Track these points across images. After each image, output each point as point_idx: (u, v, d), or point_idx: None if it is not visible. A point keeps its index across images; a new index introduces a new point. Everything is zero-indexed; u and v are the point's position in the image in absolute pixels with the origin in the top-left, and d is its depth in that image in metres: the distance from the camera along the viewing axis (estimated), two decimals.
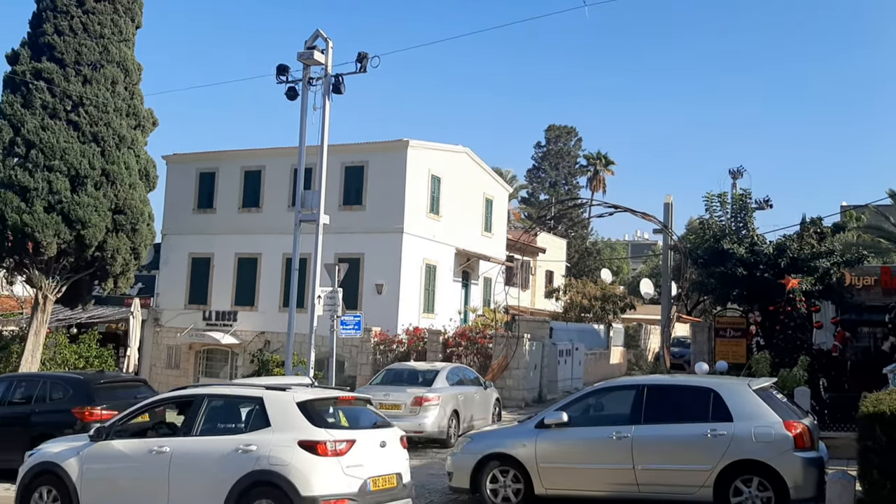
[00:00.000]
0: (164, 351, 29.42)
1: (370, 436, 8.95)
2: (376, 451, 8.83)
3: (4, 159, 22.23)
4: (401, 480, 9.09)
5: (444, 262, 28.73)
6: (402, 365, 18.69)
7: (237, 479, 8.34)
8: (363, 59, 16.65)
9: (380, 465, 8.79)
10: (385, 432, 9.18)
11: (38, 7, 23.54)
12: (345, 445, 8.44)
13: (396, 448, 9.21)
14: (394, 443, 9.18)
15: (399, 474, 9.07)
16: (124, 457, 9.20)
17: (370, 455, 8.71)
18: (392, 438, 9.18)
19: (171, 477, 8.73)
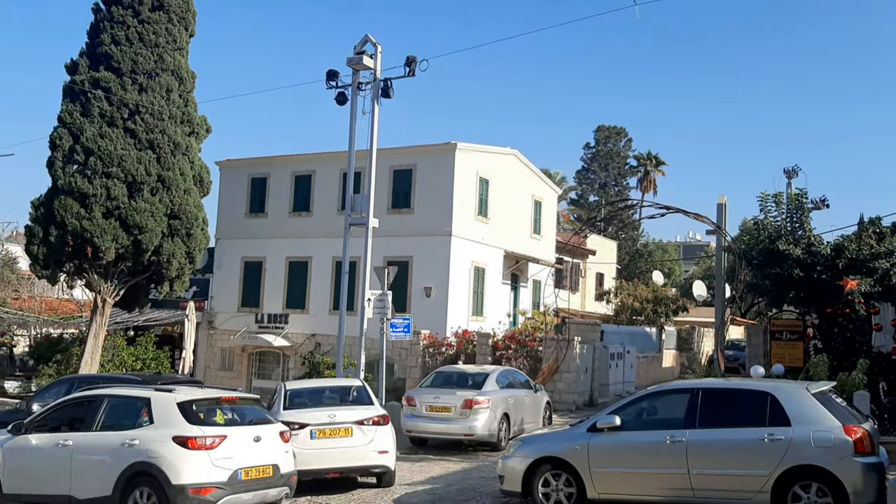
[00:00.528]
0: (218, 353, 29.92)
1: (244, 431, 10.06)
2: (250, 445, 9.91)
3: (64, 167, 22.88)
4: (277, 471, 10.14)
5: (493, 265, 28.67)
6: (451, 368, 18.68)
7: (122, 468, 9.59)
8: (411, 62, 16.72)
9: (253, 458, 9.87)
10: (261, 428, 10.26)
11: (96, 18, 24.19)
12: (215, 440, 9.56)
13: (273, 442, 10.24)
14: (270, 438, 10.21)
15: (275, 465, 10.13)
16: (37, 449, 10.51)
17: (243, 449, 9.81)
18: (269, 434, 10.23)
19: (73, 466, 10.03)
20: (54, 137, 23.22)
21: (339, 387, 13.97)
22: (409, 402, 16.40)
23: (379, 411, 12.69)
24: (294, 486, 10.68)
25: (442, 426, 15.89)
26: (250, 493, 9.82)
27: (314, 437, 11.99)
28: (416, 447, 16.54)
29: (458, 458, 15.44)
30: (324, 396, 13.43)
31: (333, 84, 17.57)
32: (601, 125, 62.16)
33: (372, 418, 12.34)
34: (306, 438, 11.93)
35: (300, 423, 12.00)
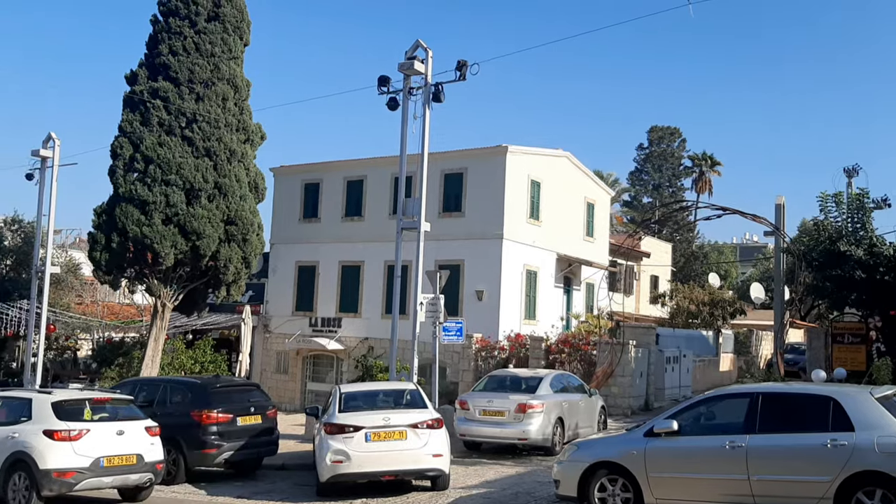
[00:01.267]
0: (273, 356, 30.36)
1: (108, 426, 11.95)
2: (113, 438, 11.81)
3: (125, 175, 23.54)
4: (141, 459, 12.08)
5: (545, 268, 28.50)
6: (504, 371, 18.64)
7: (6, 456, 11.52)
8: (462, 66, 16.73)
9: (116, 448, 11.78)
10: (126, 424, 12.19)
11: (154, 29, 24.84)
12: (80, 433, 11.49)
13: (138, 436, 12.16)
14: (135, 432, 12.16)
15: (139, 455, 12.07)
16: None
17: (106, 440, 11.72)
18: (133, 428, 12.19)
19: None
20: (115, 146, 23.91)
21: (392, 390, 14.05)
22: (462, 405, 16.41)
23: (433, 415, 12.72)
24: (160, 472, 12.57)
25: (495, 430, 15.87)
26: (111, 478, 11.80)
27: (369, 439, 12.08)
28: (470, 451, 16.54)
29: (511, 462, 15.39)
30: (378, 399, 13.53)
31: (385, 90, 17.67)
32: (654, 125, 61.35)
33: (426, 422, 12.37)
34: (361, 441, 12.03)
35: (355, 426, 12.10)
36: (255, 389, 16.13)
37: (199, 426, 13.90)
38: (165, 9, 24.66)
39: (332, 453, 12.00)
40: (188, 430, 13.95)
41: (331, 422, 12.34)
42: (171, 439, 14.00)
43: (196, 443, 13.88)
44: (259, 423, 14.82)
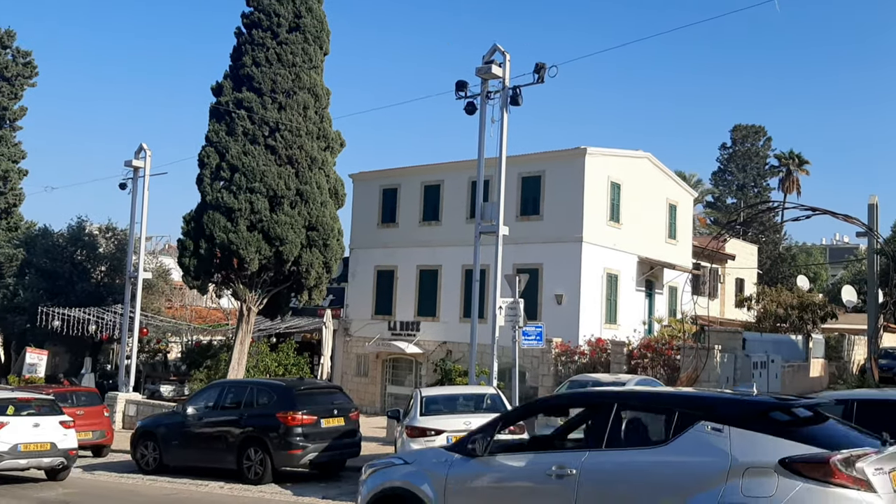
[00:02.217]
0: (353, 359, 30.80)
1: (25, 420, 14.44)
2: (30, 429, 14.32)
3: (212, 183, 24.30)
4: (55, 447, 14.57)
5: (626, 271, 28.05)
6: (586, 376, 18.41)
7: None
8: (540, 69, 16.64)
9: (32, 437, 14.31)
10: (43, 419, 14.66)
11: (238, 41, 25.58)
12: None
13: (52, 428, 14.64)
14: (50, 425, 14.64)
15: (53, 443, 14.56)
16: None
17: (23, 431, 14.22)
18: (49, 422, 14.67)
19: None
20: (202, 156, 24.71)
21: (473, 394, 14.06)
22: None
23: None
24: (73, 458, 15.15)
25: None
26: (26, 460, 14.41)
27: (450, 443, 12.10)
28: None
29: None
30: (458, 403, 13.55)
31: (463, 94, 17.75)
32: (738, 124, 59.74)
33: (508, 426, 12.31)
34: (443, 444, 12.06)
35: (436, 430, 12.16)
36: (337, 392, 16.36)
37: (285, 428, 14.19)
38: (249, 21, 25.37)
39: None
40: (274, 431, 14.26)
41: (412, 425, 12.43)
42: (258, 440, 14.37)
43: (282, 444, 14.17)
44: (342, 426, 15.04)
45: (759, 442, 5.85)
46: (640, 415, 6.84)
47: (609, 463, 6.36)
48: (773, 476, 5.65)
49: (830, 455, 5.64)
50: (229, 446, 14.75)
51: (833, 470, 5.56)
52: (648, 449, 6.32)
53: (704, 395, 7.24)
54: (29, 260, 34.26)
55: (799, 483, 5.60)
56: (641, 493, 6.10)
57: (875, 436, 6.45)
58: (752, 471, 5.72)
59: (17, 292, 32.94)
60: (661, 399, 7.16)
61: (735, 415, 6.10)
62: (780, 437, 5.88)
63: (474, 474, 7.01)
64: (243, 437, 14.56)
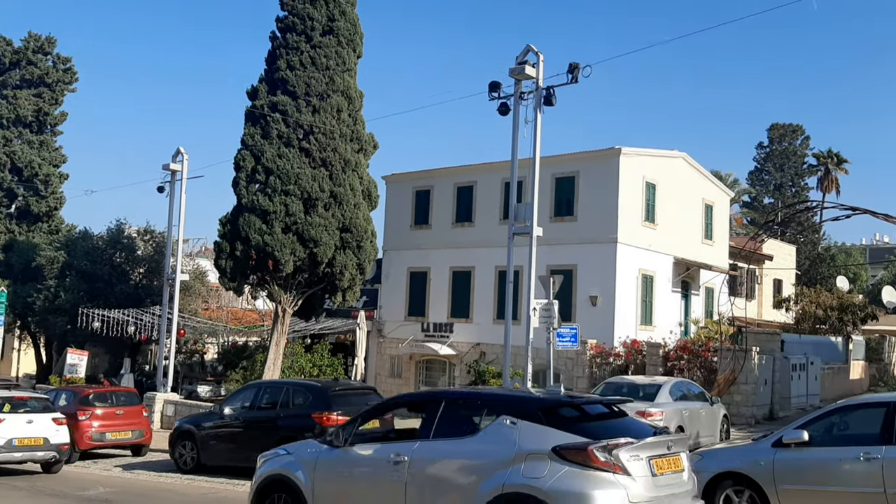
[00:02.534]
0: (387, 361, 30.91)
1: (20, 417, 15.65)
2: (23, 426, 15.54)
3: (248, 186, 24.55)
4: (48, 441, 15.78)
5: (662, 272, 27.78)
6: (621, 378, 18.28)
7: None
8: (574, 69, 16.55)
9: (26, 432, 15.52)
10: (36, 415, 15.92)
11: (273, 45, 25.82)
12: None
13: (45, 424, 15.83)
14: (43, 421, 15.86)
15: (45, 438, 15.75)
16: None
17: (18, 427, 15.44)
18: (42, 419, 15.91)
19: None
20: (238, 159, 24.98)
21: None
22: None
23: None
24: (65, 452, 16.24)
25: None
26: (20, 453, 15.53)
27: None
28: None
29: None
30: None
31: (496, 95, 17.71)
32: (775, 123, 58.88)
33: None
34: None
35: None
36: (372, 393, 16.40)
37: (321, 428, 14.14)
38: (283, 25, 25.60)
39: None
40: (310, 431, 14.23)
41: None
42: (294, 440, 14.43)
43: None
44: (377, 427, 15.05)
45: (541, 433, 7.11)
46: (462, 410, 8.09)
47: (432, 450, 7.67)
48: (546, 461, 6.93)
49: (590, 444, 6.87)
50: (266, 446, 14.82)
51: (591, 456, 6.81)
52: (462, 439, 7.61)
53: (507, 394, 8.68)
54: (70, 262, 34.88)
55: (565, 466, 6.86)
56: (453, 474, 7.48)
57: (661, 430, 7.85)
58: (532, 456, 7.01)
59: (59, 294, 33.55)
60: (476, 397, 8.56)
61: (527, 411, 7.40)
62: (558, 429, 7.13)
63: (336, 462, 8.26)
64: (279, 438, 14.63)
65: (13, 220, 41.52)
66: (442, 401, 8.15)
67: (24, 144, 41.46)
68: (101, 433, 18.41)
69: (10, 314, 34.04)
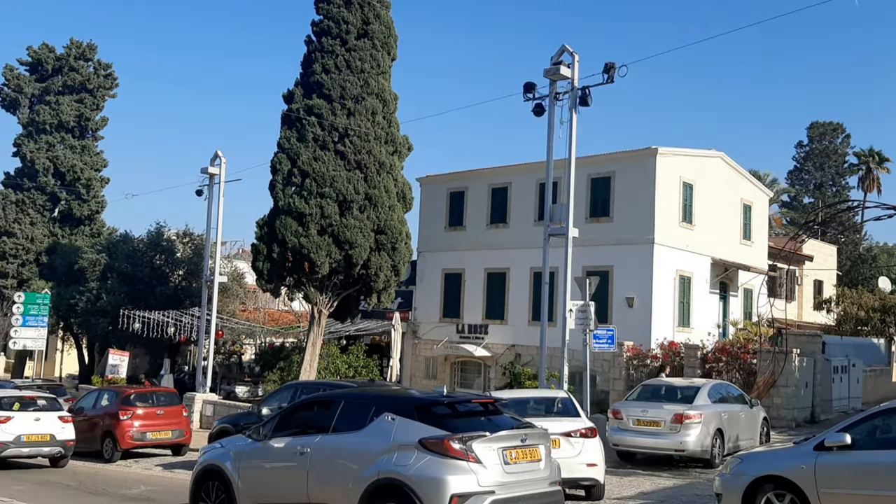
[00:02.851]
0: (422, 362, 30.98)
1: (28, 415, 16.89)
2: (31, 423, 16.77)
3: (284, 188, 24.79)
4: (54, 438, 16.97)
5: (699, 273, 27.46)
6: (658, 381, 18.08)
7: None
8: (610, 69, 16.45)
9: (33, 429, 16.75)
10: (43, 413, 17.10)
11: (308, 49, 26.04)
12: (5, 419, 16.52)
13: (52, 422, 17.02)
14: (50, 419, 17.02)
15: (52, 434, 16.94)
16: None
17: (26, 424, 16.68)
18: (49, 417, 17.07)
19: None
20: (274, 162, 25.23)
21: (543, 398, 13.92)
22: (615, 415, 16.07)
23: (586, 423, 12.51)
24: (71, 448, 17.33)
25: (651, 440, 15.42)
26: (28, 448, 16.84)
27: None
28: (624, 461, 16.17)
29: (668, 474, 14.91)
30: (528, 407, 13.42)
31: (531, 96, 17.67)
32: (815, 122, 57.97)
33: (579, 430, 12.18)
34: None
35: None
36: None
37: None
38: (318, 29, 25.80)
39: None
40: None
41: None
42: None
43: None
44: None
45: (413, 427, 8.24)
46: (355, 408, 9.12)
47: (329, 443, 8.86)
48: (414, 451, 8.05)
49: (448, 436, 7.98)
50: None
51: (448, 447, 7.92)
52: (353, 433, 8.72)
53: (390, 395, 9.87)
54: (111, 265, 35.51)
55: (428, 455, 7.97)
56: (344, 463, 8.59)
57: (522, 425, 8.88)
58: (403, 447, 8.14)
59: (101, 296, 34.18)
60: (367, 397, 9.71)
61: (404, 409, 8.57)
62: (428, 424, 8.22)
63: (256, 453, 9.53)
64: None
65: (56, 224, 42.42)
66: (341, 401, 9.40)
67: (67, 149, 42.34)
68: (142, 433, 18.73)
69: (54, 316, 34.76)
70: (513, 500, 8.14)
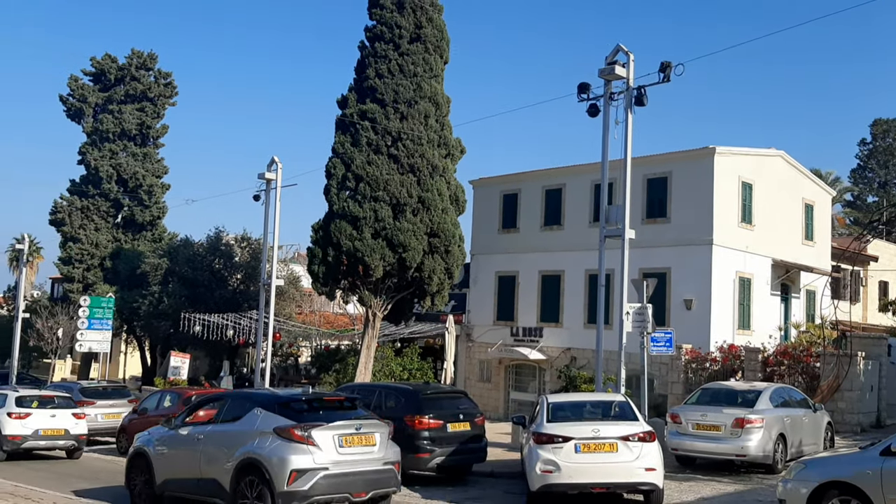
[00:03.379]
0: (476, 365, 30.94)
1: (45, 411, 19.00)
2: (48, 419, 18.88)
3: (338, 192, 25.06)
4: (68, 432, 19.05)
5: (760, 275, 26.85)
6: (718, 384, 17.75)
7: None
8: (666, 68, 16.21)
9: (49, 424, 18.85)
10: (58, 410, 19.24)
11: (362, 55, 26.29)
12: (24, 415, 18.73)
13: (66, 418, 19.12)
14: (64, 415, 19.16)
15: (66, 429, 19.03)
16: None
17: (43, 420, 18.80)
18: (64, 413, 19.21)
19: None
20: (329, 167, 25.54)
21: (601, 401, 13.80)
22: (674, 419, 15.83)
23: (644, 427, 12.35)
24: (83, 442, 19.52)
25: (711, 445, 15.15)
26: (44, 442, 18.90)
27: (578, 450, 11.93)
28: (683, 466, 15.91)
29: (729, 480, 14.62)
30: (585, 410, 13.33)
31: (585, 97, 17.52)
32: (878, 119, 56.21)
33: (637, 434, 12.04)
34: (570, 452, 11.90)
35: (564, 437, 12.00)
36: (463, 397, 16.45)
37: (412, 431, 14.40)
38: (371, 34, 26.04)
39: (541, 463, 11.99)
40: (402, 434, 14.44)
41: (539, 431, 12.33)
42: None
43: (410, 447, 14.34)
44: (468, 430, 15.12)
45: (272, 419, 10.60)
46: (237, 404, 11.54)
47: (216, 431, 11.35)
48: (270, 437, 10.39)
49: (293, 425, 10.32)
50: None
51: (292, 433, 10.25)
52: (233, 423, 11.14)
53: (260, 393, 12.29)
54: (172, 269, 36.35)
55: (279, 441, 10.29)
56: (223, 446, 10.97)
57: (363, 416, 11.32)
58: (263, 434, 10.50)
59: (162, 299, 35.00)
60: (245, 395, 12.28)
61: (269, 404, 10.94)
62: (284, 416, 10.57)
63: (168, 439, 12.09)
64: None
65: (119, 229, 43.65)
66: (228, 398, 12.16)
67: (129, 157, 43.53)
68: None
69: (118, 319, 35.74)
70: (343, 475, 10.37)
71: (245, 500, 10.34)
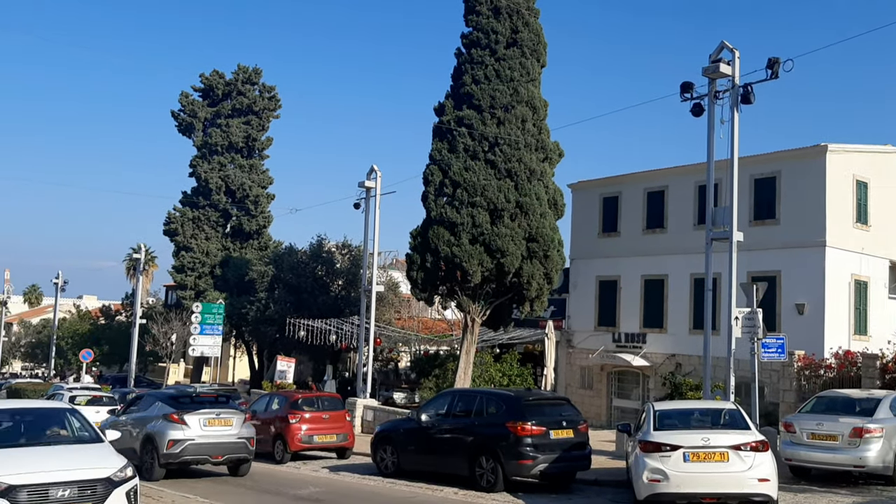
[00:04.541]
0: (577, 371, 30.55)
1: (90, 409, 21.69)
2: (92, 414, 18.30)
3: (436, 199, 25.27)
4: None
5: (877, 277, 25.46)
6: (834, 392, 16.91)
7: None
8: (774, 64, 15.61)
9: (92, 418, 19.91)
10: (100, 408, 22.62)
11: (458, 62, 26.46)
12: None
13: (102, 414, 21.09)
14: (102, 413, 21.43)
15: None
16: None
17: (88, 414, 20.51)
18: (102, 411, 21.92)
19: None
20: (426, 174, 25.79)
21: (710, 409, 13.38)
22: (787, 428, 15.18)
23: (757, 436, 11.90)
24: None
25: (827, 455, 14.45)
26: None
27: (687, 459, 11.60)
28: (797, 477, 15.23)
29: (846, 492, 13.91)
30: (693, 419, 12.96)
31: (688, 96, 17.08)
32: None
33: (749, 443, 11.60)
34: (679, 461, 11.59)
35: (672, 445, 11.70)
36: (565, 404, 16.25)
37: (515, 437, 14.33)
38: (468, 41, 26.17)
39: (648, 472, 11.73)
40: (504, 440, 14.43)
41: (646, 439, 12.06)
42: (489, 449, 14.63)
43: (512, 453, 14.31)
44: (571, 437, 14.93)
45: (165, 408, 15.92)
46: (149, 399, 16.95)
47: (135, 416, 16.71)
48: (160, 420, 15.77)
49: (173, 412, 15.76)
50: (461, 454, 15.16)
51: (173, 417, 15.70)
52: (145, 410, 16.68)
53: (161, 392, 18.15)
54: (277, 276, 37.54)
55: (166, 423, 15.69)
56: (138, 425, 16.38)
57: (226, 406, 16.58)
58: (157, 418, 15.84)
59: (269, 305, 36.18)
60: (153, 393, 17.75)
61: (165, 398, 16.45)
62: (174, 407, 15.87)
63: (115, 422, 16.75)
64: (475, 446, 14.89)
65: (228, 238, 45.44)
66: (144, 395, 17.47)
67: (236, 168, 45.29)
68: (309, 436, 19.62)
69: (227, 324, 37.18)
70: (205, 444, 15.56)
71: (145, 458, 15.58)
